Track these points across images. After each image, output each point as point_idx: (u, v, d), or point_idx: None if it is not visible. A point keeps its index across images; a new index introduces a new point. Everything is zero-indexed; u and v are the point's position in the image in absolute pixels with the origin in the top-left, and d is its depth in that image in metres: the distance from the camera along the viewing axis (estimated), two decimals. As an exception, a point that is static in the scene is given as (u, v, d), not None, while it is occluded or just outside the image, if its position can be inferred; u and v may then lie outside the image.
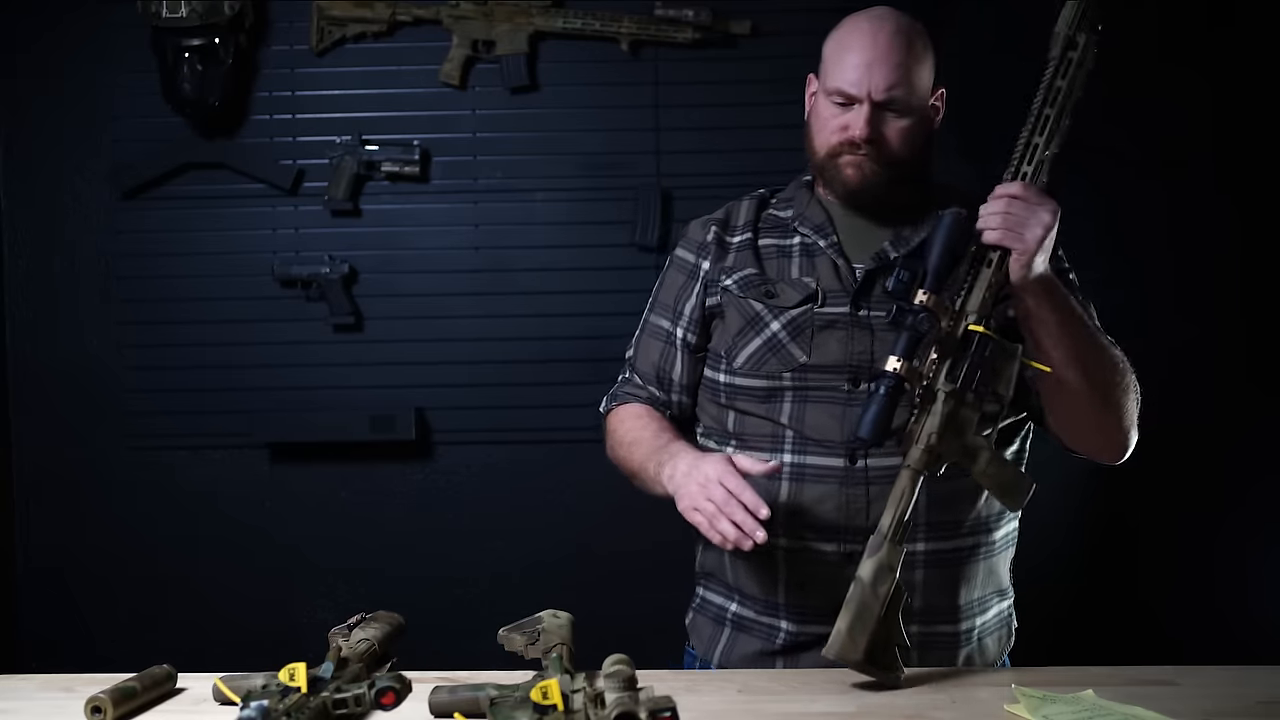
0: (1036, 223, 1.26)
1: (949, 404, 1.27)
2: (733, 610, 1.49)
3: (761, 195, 1.57)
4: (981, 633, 1.47)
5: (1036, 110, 1.30)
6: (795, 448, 1.41)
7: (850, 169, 1.43)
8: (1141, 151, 2.53)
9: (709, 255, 1.52)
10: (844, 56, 1.42)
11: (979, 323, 1.27)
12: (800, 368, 1.42)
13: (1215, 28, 2.52)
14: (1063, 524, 2.58)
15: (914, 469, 1.27)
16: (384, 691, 1.12)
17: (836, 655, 1.22)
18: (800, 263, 1.48)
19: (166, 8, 2.46)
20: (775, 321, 1.44)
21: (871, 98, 1.39)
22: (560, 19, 2.54)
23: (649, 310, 1.59)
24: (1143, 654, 1.40)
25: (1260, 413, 2.53)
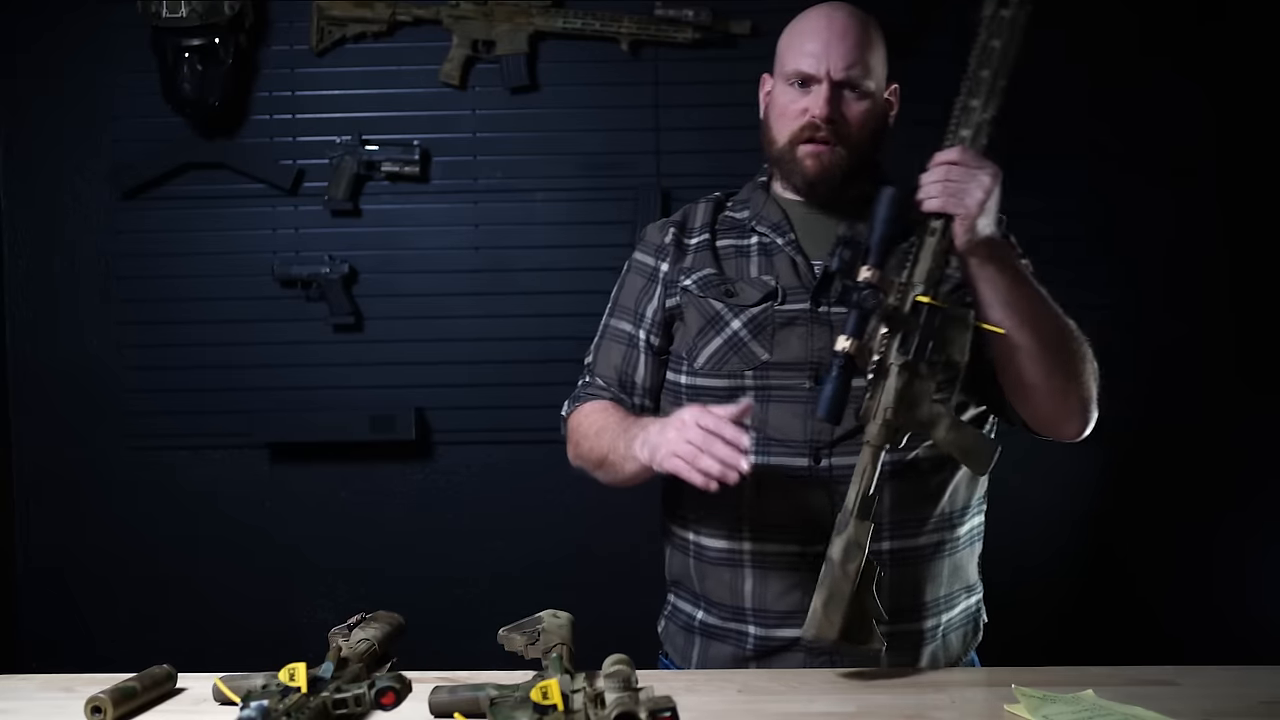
0: (977, 186, 1.26)
1: (902, 376, 1.26)
2: (700, 618, 1.48)
3: (717, 198, 1.58)
4: (946, 629, 1.46)
5: (972, 73, 1.28)
6: (759, 449, 1.40)
7: (809, 159, 1.43)
8: (1134, 152, 2.53)
9: (667, 257, 1.53)
10: (800, 41, 1.43)
11: (927, 293, 1.26)
12: (762, 365, 1.41)
13: (1206, 21, 2.51)
14: (1062, 523, 2.59)
15: (874, 445, 1.27)
16: (384, 691, 1.12)
17: (814, 635, 1.23)
18: (759, 261, 1.48)
19: (166, 8, 2.46)
20: (736, 320, 1.44)
21: (830, 76, 1.40)
22: (560, 19, 2.54)
23: (608, 315, 1.58)
24: (1143, 654, 1.40)
25: (1260, 411, 2.53)
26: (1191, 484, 2.54)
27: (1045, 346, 1.32)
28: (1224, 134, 2.53)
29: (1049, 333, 1.33)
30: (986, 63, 1.28)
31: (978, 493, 1.52)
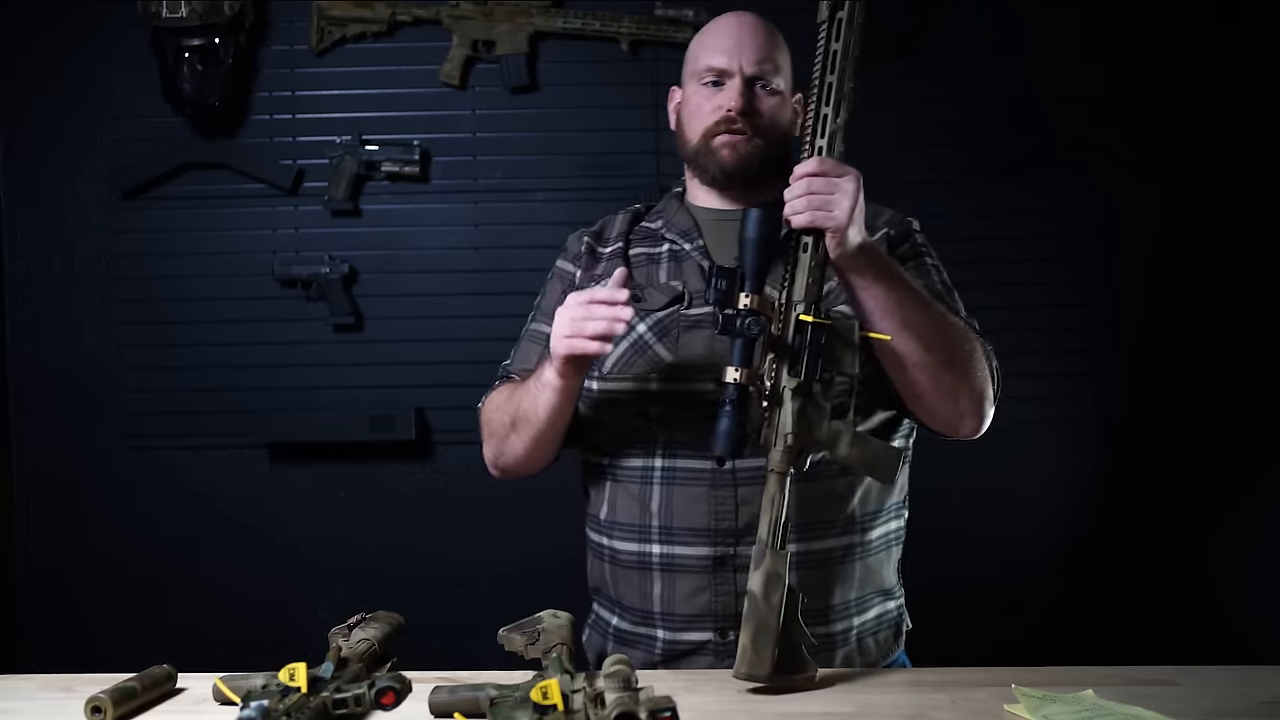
0: (842, 195, 1.23)
1: (797, 399, 1.25)
2: (614, 623, 1.48)
3: (637, 209, 1.60)
4: (860, 633, 1.45)
5: (819, 79, 1.25)
6: (665, 451, 1.41)
7: (725, 149, 1.45)
8: (1137, 152, 2.53)
9: (581, 264, 1.55)
10: (712, 40, 1.47)
11: (808, 311, 1.25)
12: (667, 367, 1.42)
13: (1218, 28, 2.52)
14: (1061, 523, 2.59)
15: (779, 471, 1.24)
16: (384, 691, 1.12)
17: (746, 674, 1.20)
18: (668, 267, 1.49)
19: (166, 8, 2.46)
20: (642, 324, 1.44)
21: (743, 70, 1.43)
22: (560, 19, 2.54)
23: (530, 319, 1.61)
24: (1143, 654, 1.40)
25: (1259, 410, 2.53)
26: (1191, 483, 2.54)
27: (929, 349, 1.32)
28: (1228, 137, 2.53)
29: (932, 335, 1.32)
30: (831, 67, 1.25)
31: (894, 498, 1.50)
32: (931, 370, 1.33)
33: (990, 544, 2.56)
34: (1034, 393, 2.29)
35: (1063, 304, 2.55)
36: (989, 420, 1.41)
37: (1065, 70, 2.53)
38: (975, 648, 1.55)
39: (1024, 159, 2.54)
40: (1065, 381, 2.56)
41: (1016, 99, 2.53)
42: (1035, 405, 2.45)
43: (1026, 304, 2.50)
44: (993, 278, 2.44)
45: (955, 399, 1.36)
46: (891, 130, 2.43)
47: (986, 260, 2.46)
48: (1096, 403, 2.57)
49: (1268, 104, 2.52)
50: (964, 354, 1.36)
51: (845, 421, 1.27)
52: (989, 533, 2.56)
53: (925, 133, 2.51)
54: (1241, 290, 2.54)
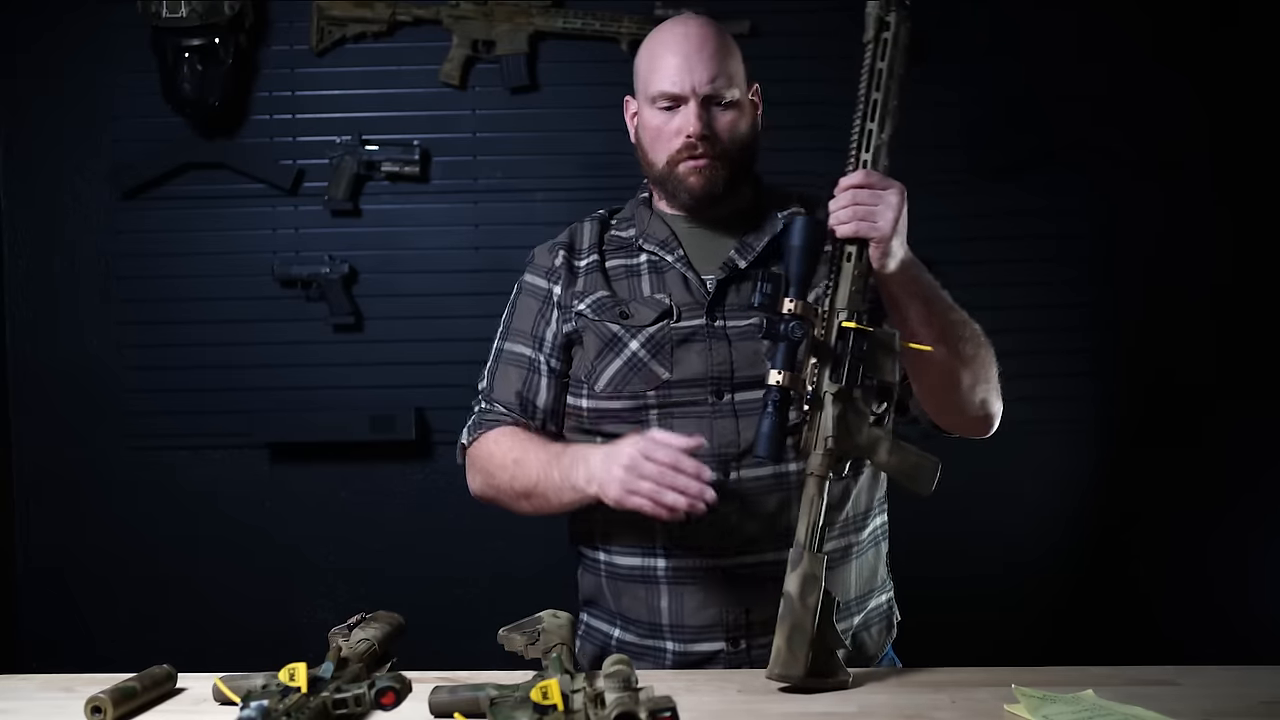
0: (886, 208, 1.26)
1: (837, 404, 1.26)
2: (617, 635, 1.48)
3: (601, 216, 1.58)
4: (858, 630, 1.47)
5: (864, 96, 1.28)
6: None
7: (692, 176, 1.44)
8: (1137, 152, 2.53)
9: (559, 280, 1.52)
10: (659, 61, 1.44)
11: (850, 318, 1.27)
12: (664, 384, 1.41)
13: (1218, 28, 2.51)
14: (1062, 523, 2.59)
15: (818, 475, 1.26)
16: (384, 691, 1.12)
17: (780, 674, 1.21)
18: (650, 280, 1.48)
19: (166, 8, 2.46)
20: (634, 341, 1.43)
21: (696, 92, 1.41)
22: (560, 19, 2.54)
23: (501, 339, 1.56)
24: (1143, 654, 1.40)
25: (1259, 410, 2.53)
26: (1191, 483, 2.54)
27: (961, 358, 1.35)
28: (1229, 138, 2.53)
29: (961, 341, 1.36)
30: (876, 85, 1.28)
31: (878, 493, 1.52)
32: (959, 374, 1.36)
33: (991, 544, 2.56)
34: (1034, 393, 2.27)
35: (1063, 304, 2.55)
36: (998, 421, 1.44)
37: (1065, 70, 2.53)
38: (975, 648, 1.56)
39: (1024, 159, 2.54)
40: (1066, 381, 2.55)
41: (1017, 99, 2.53)
42: (1036, 405, 2.44)
43: (1027, 304, 2.50)
44: (993, 278, 2.45)
45: (975, 401, 1.39)
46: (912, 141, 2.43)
47: (987, 260, 2.46)
48: (1097, 403, 2.57)
49: (1268, 103, 2.52)
50: (983, 357, 1.39)
51: (884, 429, 1.28)
52: (990, 532, 2.56)
53: (926, 133, 2.50)
54: (1242, 290, 2.54)
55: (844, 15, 2.53)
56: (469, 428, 1.53)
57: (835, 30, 2.40)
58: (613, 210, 1.60)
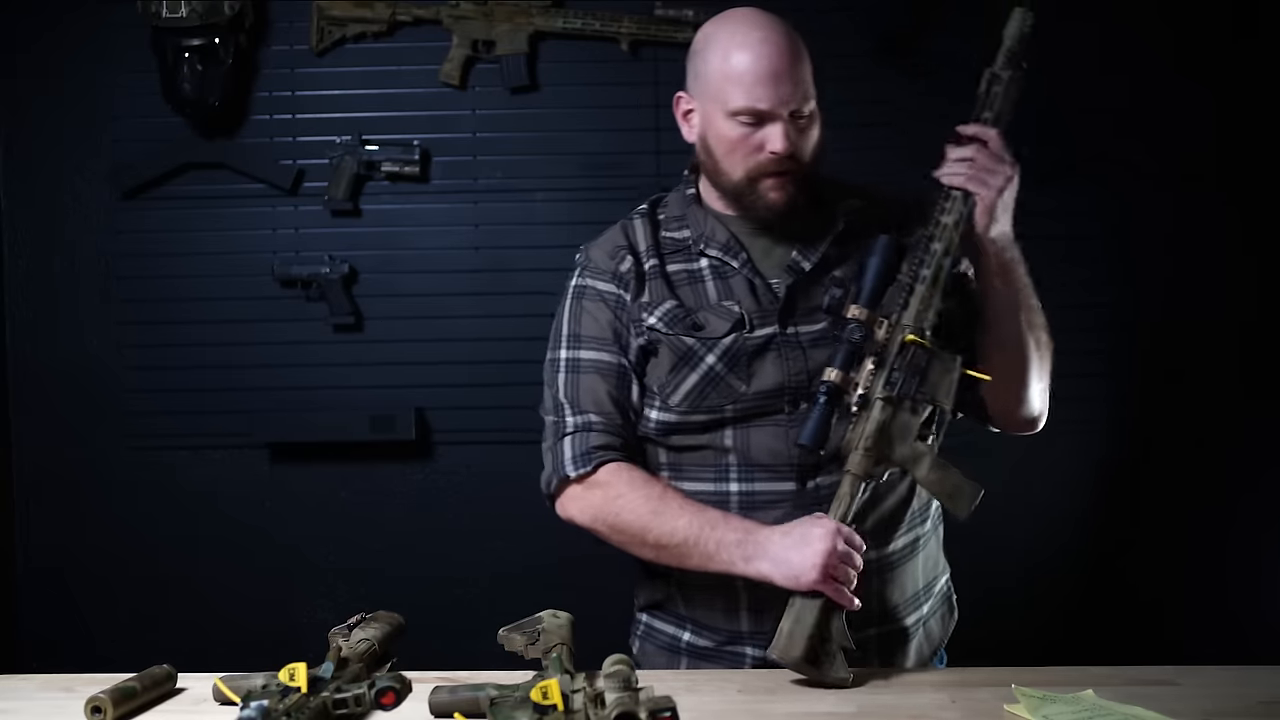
0: (1000, 174, 1.30)
1: (885, 410, 1.29)
2: (687, 639, 1.45)
3: (647, 213, 1.50)
4: (928, 617, 1.48)
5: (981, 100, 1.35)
6: (742, 475, 1.39)
7: (774, 192, 1.38)
8: (1157, 162, 2.53)
9: (628, 287, 1.44)
10: (741, 73, 1.35)
11: (915, 333, 1.29)
12: (741, 397, 1.39)
13: (1238, 39, 2.51)
14: (1062, 523, 2.59)
15: (854, 474, 1.29)
16: (384, 691, 1.12)
17: (779, 655, 1.25)
18: (716, 287, 1.43)
19: (166, 8, 2.46)
20: (710, 355, 1.39)
21: (784, 111, 1.35)
22: (560, 19, 2.53)
23: (570, 348, 1.45)
24: (1143, 654, 1.40)
25: (1261, 411, 2.53)
26: (1196, 484, 2.54)
27: (1037, 344, 1.38)
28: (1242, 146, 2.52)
29: (1041, 332, 1.38)
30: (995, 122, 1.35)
31: None
32: (1029, 373, 1.38)
33: (998, 544, 2.55)
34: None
35: (1078, 305, 2.54)
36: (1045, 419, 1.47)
37: (1087, 82, 2.52)
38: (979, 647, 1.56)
39: (1047, 170, 2.53)
40: (1073, 382, 2.54)
41: (1039, 111, 2.52)
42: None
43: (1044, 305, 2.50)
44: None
45: (1036, 399, 1.42)
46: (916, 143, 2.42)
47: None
48: (1108, 404, 2.56)
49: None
50: (1048, 357, 1.41)
51: (929, 446, 1.31)
52: (997, 533, 2.54)
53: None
54: (1258, 296, 2.54)
55: (844, 15, 2.55)
56: (574, 458, 1.41)
57: (836, 30, 2.40)
58: (654, 203, 1.52)
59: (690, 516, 1.34)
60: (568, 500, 1.44)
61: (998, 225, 1.31)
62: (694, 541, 1.33)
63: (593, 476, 1.40)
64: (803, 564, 1.25)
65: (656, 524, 1.35)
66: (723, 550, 1.31)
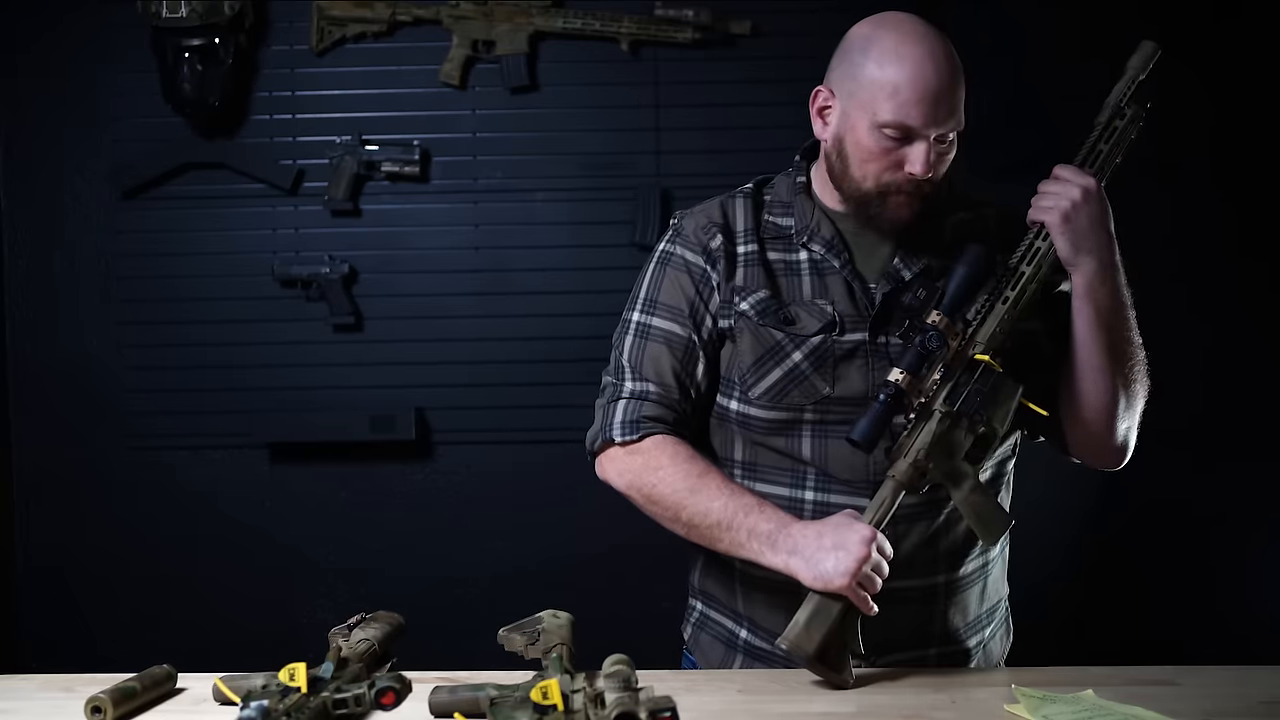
0: (1062, 197, 1.29)
1: (943, 424, 1.27)
2: (744, 637, 1.44)
3: (750, 193, 1.46)
4: (988, 639, 1.47)
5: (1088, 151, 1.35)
6: (819, 485, 1.37)
7: (903, 208, 1.35)
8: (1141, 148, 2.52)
9: (718, 266, 1.41)
10: (900, 86, 1.29)
11: (986, 353, 1.28)
12: (824, 399, 1.36)
13: (1220, 20, 2.51)
14: (1061, 523, 2.58)
15: (898, 481, 1.27)
16: (384, 691, 1.12)
17: (790, 646, 1.23)
18: (812, 283, 1.39)
19: (166, 8, 2.46)
20: (797, 352, 1.37)
21: (933, 133, 1.30)
22: (560, 19, 2.54)
23: (644, 312, 1.43)
24: (1143, 654, 1.40)
25: (1260, 411, 2.53)
26: (1192, 483, 2.54)
27: (1124, 381, 1.34)
28: (1230, 136, 2.53)
29: (1131, 369, 1.35)
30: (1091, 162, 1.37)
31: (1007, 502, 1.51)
32: (1116, 403, 1.34)
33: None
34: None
35: (1065, 302, 2.55)
36: (1130, 455, 1.42)
37: (1066, 67, 2.52)
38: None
39: (1027, 157, 2.53)
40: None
41: (1018, 97, 2.53)
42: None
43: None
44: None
45: (1120, 433, 1.37)
46: None
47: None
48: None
49: (1272, 96, 2.52)
50: (1139, 390, 1.37)
51: (974, 468, 1.29)
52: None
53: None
54: (1245, 285, 2.54)
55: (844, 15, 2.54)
56: (624, 423, 1.39)
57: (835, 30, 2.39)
58: (759, 183, 1.47)
59: (726, 499, 1.33)
60: (607, 461, 1.42)
61: (1082, 253, 1.30)
62: (726, 525, 1.32)
63: (637, 444, 1.39)
64: (835, 569, 1.23)
65: (692, 501, 1.34)
66: (754, 539, 1.30)
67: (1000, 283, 1.30)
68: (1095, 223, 1.30)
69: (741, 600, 1.44)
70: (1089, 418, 1.36)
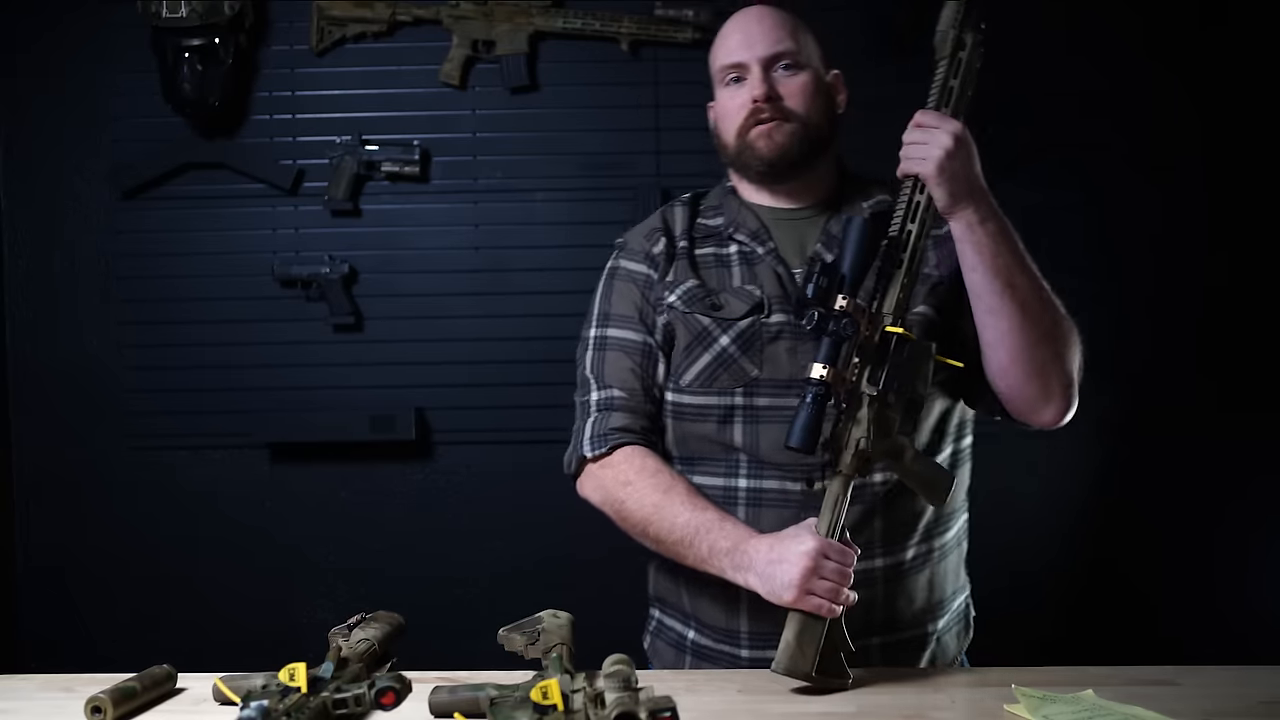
0: (933, 145, 1.26)
1: (874, 407, 1.27)
2: (691, 638, 1.46)
3: (689, 201, 1.54)
4: (942, 632, 1.46)
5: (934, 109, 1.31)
6: (751, 472, 1.39)
7: (760, 140, 1.41)
8: (1129, 150, 2.53)
9: (658, 268, 1.47)
10: (724, 41, 1.46)
11: (895, 324, 1.28)
12: (752, 382, 1.38)
13: (1207, 26, 2.51)
14: (1061, 522, 2.59)
15: (846, 475, 1.27)
16: (384, 691, 1.12)
17: (786, 668, 1.22)
18: (742, 271, 1.44)
19: (166, 8, 2.46)
20: (724, 336, 1.40)
21: (760, 58, 1.41)
22: (560, 19, 2.54)
23: (599, 327, 1.49)
24: (1143, 654, 1.40)
25: (1258, 409, 2.53)
26: (1190, 482, 2.54)
27: (1029, 317, 1.30)
28: (1221, 137, 2.53)
29: (1034, 304, 1.30)
30: (945, 101, 1.31)
31: (960, 495, 1.51)
32: (1028, 340, 1.30)
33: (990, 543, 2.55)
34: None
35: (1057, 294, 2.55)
36: (1073, 411, 1.38)
37: (1055, 67, 2.52)
38: (976, 647, 1.56)
39: (1017, 156, 2.53)
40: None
41: (1006, 96, 2.53)
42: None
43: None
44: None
45: (1046, 378, 1.33)
46: (884, 129, 2.43)
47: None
48: (1094, 400, 2.55)
49: (1258, 100, 2.52)
50: (1062, 333, 1.34)
51: (909, 438, 1.29)
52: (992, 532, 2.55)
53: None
54: (1239, 286, 2.54)
55: (844, 15, 2.55)
56: (592, 438, 1.43)
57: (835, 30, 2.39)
58: (697, 195, 1.55)
59: (690, 515, 1.34)
60: (585, 479, 1.46)
61: (960, 199, 1.27)
62: (689, 542, 1.34)
63: (608, 458, 1.42)
64: (782, 582, 1.24)
65: (657, 518, 1.37)
66: (715, 556, 1.32)
67: (892, 248, 1.29)
68: (967, 165, 1.28)
69: (687, 599, 1.45)
70: (1003, 366, 1.33)
